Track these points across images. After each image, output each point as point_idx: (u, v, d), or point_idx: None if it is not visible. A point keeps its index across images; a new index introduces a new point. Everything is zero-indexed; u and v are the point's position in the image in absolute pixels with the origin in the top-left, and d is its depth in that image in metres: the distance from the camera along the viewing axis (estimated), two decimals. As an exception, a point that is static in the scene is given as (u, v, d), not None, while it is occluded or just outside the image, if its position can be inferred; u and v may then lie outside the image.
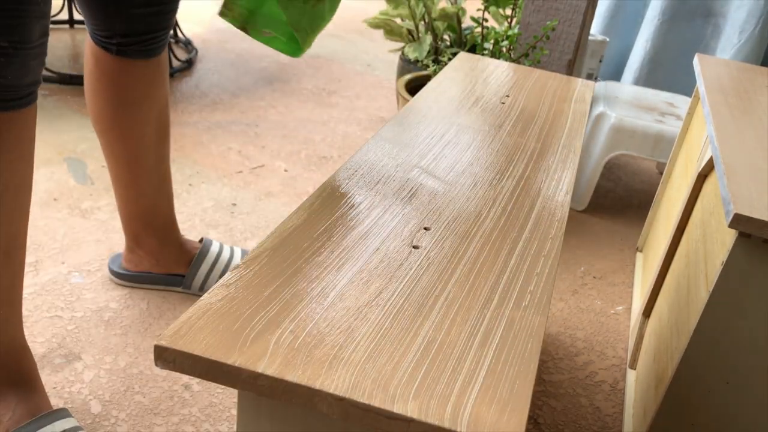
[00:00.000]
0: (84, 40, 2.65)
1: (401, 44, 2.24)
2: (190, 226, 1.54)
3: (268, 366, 0.48)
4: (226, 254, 1.34)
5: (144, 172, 1.20)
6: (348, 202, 0.71)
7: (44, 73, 2.16)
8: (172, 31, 2.54)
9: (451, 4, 2.12)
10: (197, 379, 1.12)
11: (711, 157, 1.07)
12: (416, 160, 0.83)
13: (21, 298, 0.94)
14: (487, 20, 1.84)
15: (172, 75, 2.41)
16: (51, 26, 2.95)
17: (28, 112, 0.85)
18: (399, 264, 0.62)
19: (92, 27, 1.08)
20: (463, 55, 1.30)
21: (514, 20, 1.83)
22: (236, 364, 0.48)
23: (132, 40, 1.07)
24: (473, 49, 2.10)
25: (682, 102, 1.96)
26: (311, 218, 0.67)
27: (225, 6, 0.79)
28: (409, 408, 0.46)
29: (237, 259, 1.35)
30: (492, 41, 1.76)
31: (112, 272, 1.31)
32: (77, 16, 2.73)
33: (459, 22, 2.13)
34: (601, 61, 1.95)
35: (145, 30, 1.08)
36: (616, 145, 1.76)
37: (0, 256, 0.87)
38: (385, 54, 2.98)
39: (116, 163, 1.19)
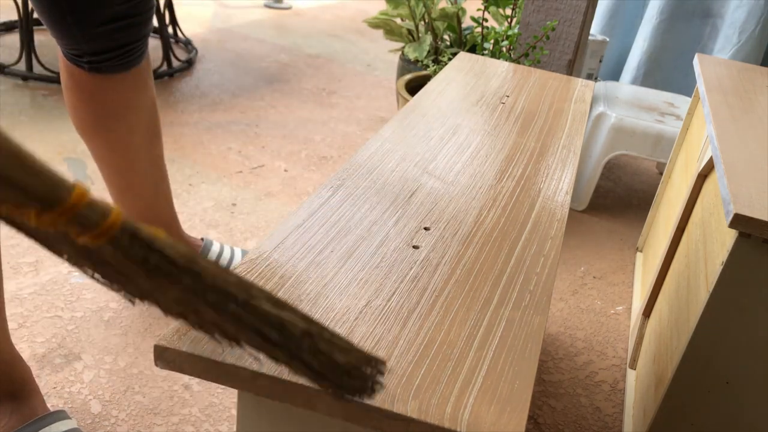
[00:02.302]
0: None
1: (401, 44, 2.24)
2: (190, 226, 1.54)
3: (268, 366, 0.48)
4: (226, 254, 1.34)
5: (137, 176, 1.16)
6: (348, 202, 0.71)
7: (44, 72, 2.16)
8: (171, 31, 2.55)
9: (451, 4, 2.12)
10: (197, 379, 1.12)
11: (711, 157, 1.07)
12: (416, 160, 0.83)
13: (4, 311, 0.91)
14: (487, 20, 1.84)
15: (171, 75, 2.41)
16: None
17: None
18: (399, 264, 0.62)
19: (60, 44, 1.01)
20: (463, 55, 1.30)
21: (514, 20, 1.83)
22: (236, 364, 0.48)
23: (104, 57, 1.00)
24: (473, 49, 2.10)
25: (682, 102, 1.96)
26: (311, 218, 0.67)
27: None
28: (409, 408, 0.46)
29: (237, 259, 1.35)
30: (492, 41, 1.76)
31: (112, 272, 1.31)
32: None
33: (459, 22, 2.13)
34: (601, 61, 1.95)
35: (117, 45, 1.00)
36: (616, 145, 1.76)
37: None
38: (385, 54, 2.98)
39: (107, 170, 1.15)
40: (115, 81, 1.04)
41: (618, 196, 1.98)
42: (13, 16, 2.34)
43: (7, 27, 2.54)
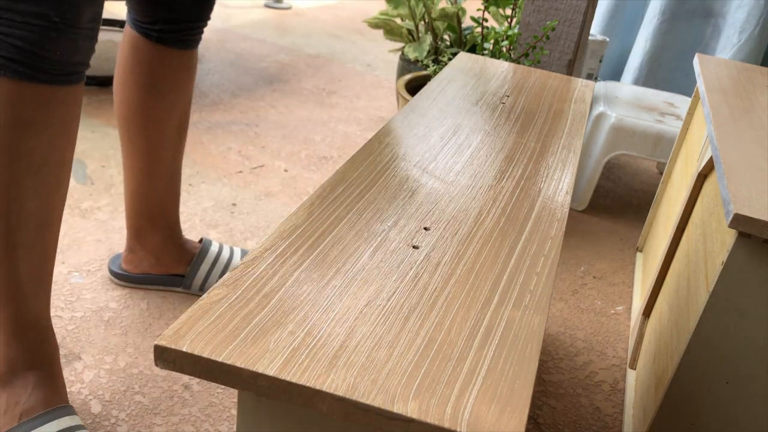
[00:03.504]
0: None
1: (401, 44, 2.24)
2: (190, 226, 1.54)
3: (268, 366, 0.48)
4: (225, 254, 1.34)
5: (160, 165, 1.21)
6: (348, 202, 0.71)
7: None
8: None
9: (451, 4, 2.12)
10: (197, 379, 1.12)
11: (711, 157, 1.07)
12: (416, 159, 0.83)
13: (51, 277, 0.94)
14: (487, 20, 1.84)
15: (172, 75, 2.41)
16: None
17: (75, 90, 0.87)
18: (399, 264, 0.62)
19: (135, 14, 1.10)
20: (463, 55, 1.30)
21: (514, 20, 1.83)
22: (236, 364, 0.48)
23: (174, 28, 1.10)
24: (473, 49, 2.10)
25: (682, 102, 1.96)
26: (311, 218, 0.67)
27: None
28: (409, 408, 0.46)
29: (237, 259, 1.35)
30: (492, 41, 1.76)
31: (112, 273, 1.31)
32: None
33: (459, 22, 2.13)
34: (601, 61, 1.95)
35: (188, 18, 1.11)
36: (616, 145, 1.76)
37: (33, 230, 0.87)
38: (385, 54, 2.98)
39: (134, 155, 1.20)
40: (174, 57, 1.13)
41: (618, 196, 1.98)
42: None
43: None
